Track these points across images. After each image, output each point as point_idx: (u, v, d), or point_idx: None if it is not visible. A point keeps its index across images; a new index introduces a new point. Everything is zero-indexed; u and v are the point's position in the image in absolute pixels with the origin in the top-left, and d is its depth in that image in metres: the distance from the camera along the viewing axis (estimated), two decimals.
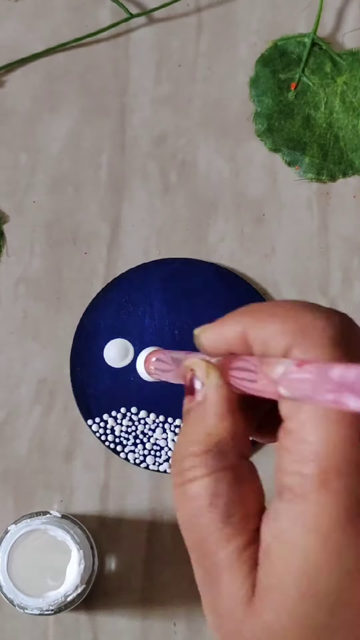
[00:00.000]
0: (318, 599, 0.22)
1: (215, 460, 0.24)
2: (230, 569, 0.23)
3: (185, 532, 0.24)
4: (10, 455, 0.54)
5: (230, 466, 0.24)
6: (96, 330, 0.55)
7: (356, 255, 0.56)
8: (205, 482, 0.24)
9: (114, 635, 0.52)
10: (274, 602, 0.22)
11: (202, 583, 0.24)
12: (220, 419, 0.25)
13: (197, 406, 0.25)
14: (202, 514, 0.24)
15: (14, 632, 0.52)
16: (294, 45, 0.58)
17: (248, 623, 0.23)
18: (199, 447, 0.24)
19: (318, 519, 0.22)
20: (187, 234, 0.56)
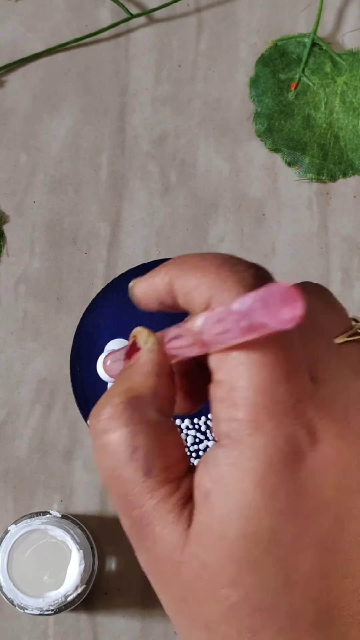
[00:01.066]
0: (254, 538, 0.23)
1: (133, 413, 0.24)
2: (159, 518, 0.24)
3: (108, 485, 0.25)
4: (10, 455, 0.54)
5: (147, 420, 0.25)
6: (96, 330, 0.55)
7: (356, 255, 0.56)
8: (124, 433, 0.24)
9: (114, 635, 0.52)
10: (213, 542, 0.23)
11: (132, 532, 0.25)
12: (145, 376, 0.26)
13: (130, 366, 0.26)
14: (124, 467, 0.24)
15: (14, 632, 0.52)
16: (294, 45, 0.58)
17: (186, 564, 0.24)
18: (119, 398, 0.25)
19: (253, 461, 0.23)
20: (187, 234, 0.56)
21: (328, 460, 0.23)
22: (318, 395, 0.23)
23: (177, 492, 0.24)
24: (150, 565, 0.25)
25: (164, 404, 0.26)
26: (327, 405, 0.23)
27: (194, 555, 0.24)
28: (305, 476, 0.23)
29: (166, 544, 0.24)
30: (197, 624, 0.24)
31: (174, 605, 0.25)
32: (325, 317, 0.26)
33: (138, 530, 0.25)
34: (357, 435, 0.23)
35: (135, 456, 0.24)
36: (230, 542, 0.23)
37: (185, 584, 0.24)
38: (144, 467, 0.24)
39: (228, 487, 0.23)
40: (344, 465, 0.23)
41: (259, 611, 0.23)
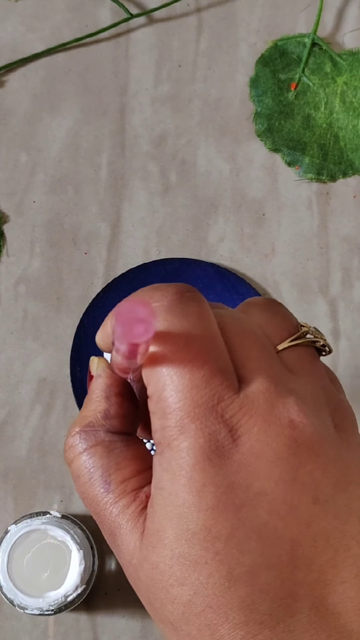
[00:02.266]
0: (190, 536, 0.24)
1: (87, 438, 0.27)
2: (120, 528, 0.26)
3: (85, 505, 0.27)
4: (10, 455, 0.54)
5: (100, 442, 0.27)
6: (96, 330, 0.54)
7: (356, 255, 0.56)
8: (82, 458, 0.27)
9: (114, 635, 0.52)
10: (157, 544, 0.25)
11: (109, 543, 0.27)
12: (96, 402, 0.28)
13: (87, 395, 0.29)
14: (88, 487, 0.27)
15: (14, 632, 0.52)
16: (294, 45, 0.58)
17: (141, 568, 0.25)
18: (76, 428, 0.28)
19: (180, 462, 0.24)
20: (187, 234, 0.56)
21: (254, 454, 0.24)
22: (242, 394, 0.25)
23: (134, 502, 0.26)
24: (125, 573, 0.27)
25: (117, 423, 0.28)
26: (249, 403, 0.25)
27: (145, 558, 0.25)
28: (233, 471, 0.24)
29: (127, 551, 0.26)
30: (166, 625, 0.25)
31: (147, 608, 0.26)
32: (270, 327, 0.28)
33: (110, 541, 0.27)
34: (284, 427, 0.25)
35: (95, 475, 0.27)
36: (170, 542, 0.24)
37: (145, 587, 0.25)
38: (102, 483, 0.27)
39: (164, 490, 0.25)
40: (271, 457, 0.24)
41: (211, 608, 0.24)
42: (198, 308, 0.25)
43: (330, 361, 0.55)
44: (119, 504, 0.26)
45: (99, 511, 0.27)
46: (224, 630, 0.24)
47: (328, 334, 0.55)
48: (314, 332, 0.28)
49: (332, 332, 0.55)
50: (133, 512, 0.26)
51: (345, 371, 0.55)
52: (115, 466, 0.27)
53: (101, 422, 0.28)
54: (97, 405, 0.28)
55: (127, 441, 0.28)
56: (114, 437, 0.28)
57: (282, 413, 0.25)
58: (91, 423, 0.28)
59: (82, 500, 0.27)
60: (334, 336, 0.55)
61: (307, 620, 0.23)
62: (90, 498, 0.27)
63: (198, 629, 0.24)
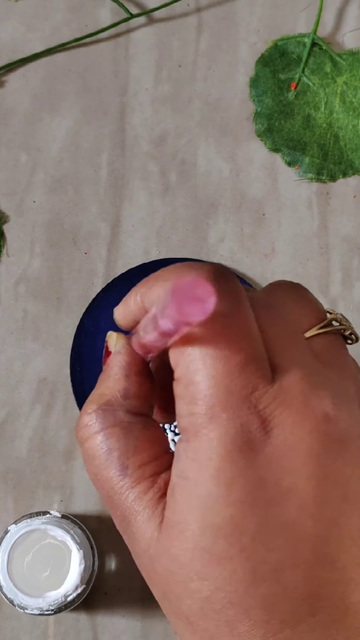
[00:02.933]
0: (216, 530, 0.23)
1: (105, 417, 0.26)
2: (136, 515, 0.25)
3: (96, 487, 0.26)
4: (10, 455, 0.54)
5: (119, 422, 0.26)
6: (96, 330, 0.55)
7: (356, 255, 0.56)
8: (98, 438, 0.26)
9: (114, 635, 0.52)
10: (179, 536, 0.24)
11: (120, 529, 0.26)
12: (114, 380, 0.27)
13: (103, 372, 0.28)
14: (102, 469, 0.26)
15: (14, 632, 0.52)
16: (294, 45, 0.58)
17: (159, 559, 0.24)
18: (93, 406, 0.26)
19: (209, 452, 0.23)
20: (187, 234, 0.56)
21: (286, 448, 0.23)
22: (276, 384, 0.24)
23: (152, 488, 0.25)
24: (136, 562, 0.26)
25: (137, 404, 0.27)
26: (283, 394, 0.24)
27: (164, 550, 0.24)
28: (264, 464, 0.23)
29: (143, 540, 0.25)
30: (181, 618, 0.24)
31: (160, 601, 0.25)
32: (297, 312, 0.27)
33: (123, 528, 0.26)
34: (318, 420, 0.24)
35: (111, 457, 0.25)
36: (193, 535, 0.23)
37: (162, 579, 0.24)
38: (119, 466, 0.25)
39: (188, 481, 0.24)
40: (304, 452, 0.23)
41: (232, 604, 0.23)
42: (234, 290, 0.24)
43: None
44: (135, 489, 0.25)
45: (112, 495, 0.25)
46: (243, 627, 0.23)
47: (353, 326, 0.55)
48: (341, 320, 0.27)
49: None
50: (151, 499, 0.25)
51: None
52: (134, 449, 0.26)
53: (120, 401, 0.26)
54: (117, 383, 0.27)
55: (145, 423, 0.26)
56: (133, 418, 0.26)
57: (317, 406, 0.24)
58: (110, 401, 0.26)
59: (94, 483, 0.26)
60: None
61: (329, 619, 0.23)
62: (104, 480, 0.26)
63: (216, 625, 0.23)
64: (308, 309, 0.27)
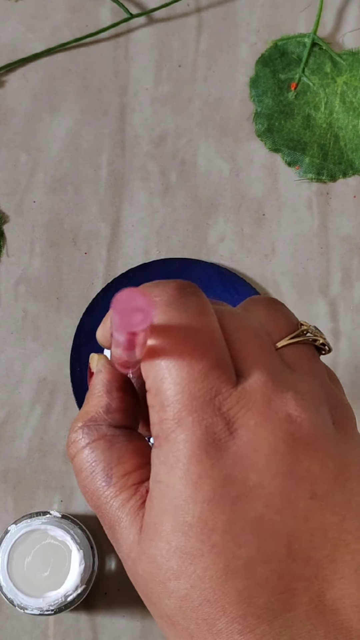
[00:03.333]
0: (187, 528, 0.24)
1: (90, 433, 0.27)
2: (119, 522, 0.26)
3: (86, 500, 0.27)
4: (10, 455, 0.54)
5: (102, 436, 0.27)
6: (96, 330, 0.54)
7: (356, 255, 0.56)
8: (85, 452, 0.27)
9: (114, 635, 0.52)
10: (154, 537, 0.25)
11: (109, 537, 0.27)
12: (97, 397, 0.28)
13: (88, 391, 0.29)
14: (89, 481, 0.27)
15: (14, 632, 0.52)
16: (294, 45, 0.58)
17: (139, 561, 0.25)
18: (78, 423, 0.28)
19: (177, 454, 0.24)
20: (187, 234, 0.56)
21: (250, 447, 0.24)
22: (239, 387, 0.25)
23: (134, 496, 0.26)
24: (124, 567, 0.27)
25: (119, 417, 0.28)
26: (247, 396, 0.25)
27: (143, 552, 0.25)
28: (229, 464, 0.24)
29: (125, 545, 0.26)
30: (164, 619, 0.25)
31: (146, 604, 0.26)
32: (270, 324, 0.28)
33: (110, 535, 0.27)
34: (281, 420, 0.24)
35: (97, 469, 0.27)
36: (167, 535, 0.24)
37: (143, 580, 0.25)
38: (104, 477, 0.27)
39: (160, 483, 0.25)
40: (268, 450, 0.24)
41: (208, 602, 0.24)
42: (197, 302, 0.26)
43: (330, 361, 0.55)
44: (119, 498, 0.26)
45: (100, 505, 0.27)
46: (221, 624, 0.23)
47: (328, 334, 0.55)
48: (314, 331, 0.28)
49: (332, 332, 0.55)
50: (133, 506, 0.26)
51: (345, 371, 0.55)
52: (117, 460, 0.27)
53: (103, 416, 0.28)
54: (99, 400, 0.28)
55: (129, 435, 0.28)
56: (116, 431, 0.28)
57: (279, 407, 0.25)
58: (93, 418, 0.28)
59: (84, 495, 0.27)
60: (334, 336, 0.55)
61: (305, 615, 0.23)
62: (91, 492, 0.27)
63: (196, 623, 0.24)
64: (281, 320, 0.28)
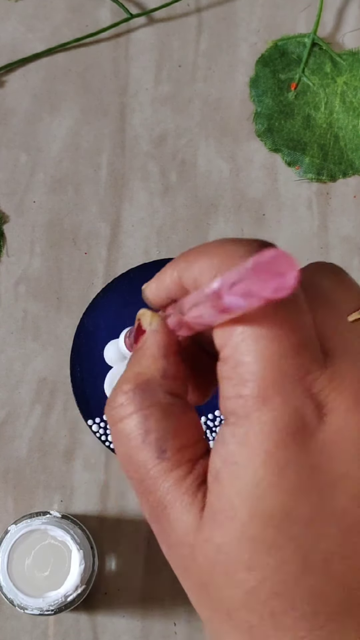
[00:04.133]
0: (265, 518, 0.22)
1: (143, 397, 0.25)
2: (173, 501, 0.24)
3: (126, 471, 0.25)
4: (10, 455, 0.54)
5: (157, 403, 0.25)
6: (96, 330, 0.55)
7: (356, 255, 0.56)
8: (135, 418, 0.24)
9: (114, 635, 0.52)
10: (224, 524, 0.22)
11: (150, 517, 0.25)
12: (152, 360, 0.25)
13: (137, 350, 0.26)
14: (137, 451, 0.24)
15: (14, 632, 0.52)
16: (294, 45, 0.58)
17: (200, 547, 0.23)
18: (129, 385, 0.25)
19: (261, 437, 0.22)
20: (187, 234, 0.56)
21: (340, 434, 0.22)
22: (329, 369, 0.23)
23: (191, 473, 0.24)
24: (169, 551, 0.25)
25: (175, 385, 0.25)
26: (338, 378, 0.23)
27: (208, 539, 0.23)
28: (317, 451, 0.22)
29: (181, 528, 0.24)
30: (219, 611, 0.23)
31: (195, 593, 0.24)
32: (339, 295, 0.25)
33: (156, 515, 0.24)
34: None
35: (148, 439, 0.24)
36: (241, 523, 0.22)
37: (202, 569, 0.23)
38: (156, 449, 0.24)
39: (236, 466, 0.23)
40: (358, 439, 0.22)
41: (278, 595, 0.22)
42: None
43: None
44: (173, 474, 0.24)
45: (146, 479, 0.24)
46: (289, 620, 0.22)
47: None
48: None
49: None
50: (190, 485, 0.24)
51: None
52: (172, 432, 0.24)
53: (160, 380, 0.25)
54: (155, 362, 0.25)
55: (183, 406, 0.25)
56: (172, 399, 0.25)
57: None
58: (148, 381, 0.25)
59: (125, 466, 0.25)
60: None
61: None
62: (137, 464, 0.24)
63: (260, 616, 0.22)
64: (349, 292, 0.26)
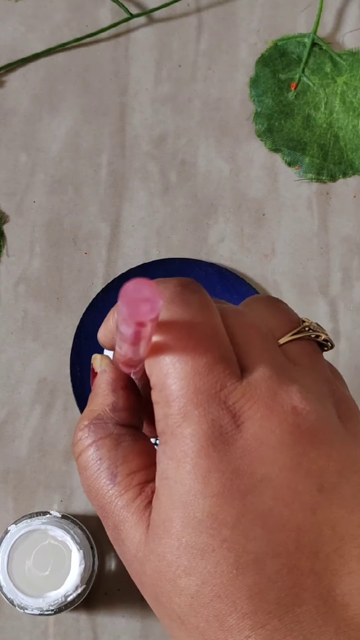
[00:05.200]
0: (196, 524, 0.24)
1: (96, 431, 0.27)
2: (124, 521, 0.26)
3: (90, 499, 0.27)
4: (10, 455, 0.54)
5: (109, 434, 0.27)
6: (96, 330, 0.54)
7: (356, 255, 0.56)
8: (91, 450, 0.27)
9: (114, 635, 0.52)
10: (163, 535, 0.24)
11: (112, 539, 0.27)
12: (102, 397, 0.28)
13: (92, 391, 0.29)
14: (94, 480, 0.26)
15: (14, 632, 0.52)
16: (294, 45, 0.58)
17: (147, 560, 0.25)
18: (85, 421, 0.27)
19: (185, 448, 0.24)
20: (187, 234, 0.56)
21: (257, 440, 0.24)
22: (245, 381, 0.25)
23: (140, 495, 0.26)
24: (128, 568, 0.26)
25: (126, 416, 0.28)
26: (252, 390, 0.25)
27: (151, 551, 0.25)
28: (237, 457, 0.24)
29: (132, 545, 0.25)
30: (173, 620, 0.25)
31: (152, 604, 0.26)
32: (272, 322, 0.28)
33: (113, 536, 0.26)
34: (287, 413, 0.24)
35: (102, 467, 0.26)
36: (177, 531, 0.24)
37: (152, 581, 0.25)
38: (109, 475, 0.26)
39: (168, 480, 0.24)
40: (274, 443, 0.24)
41: (219, 597, 0.23)
42: (200, 298, 0.26)
43: (331, 361, 0.55)
44: (124, 497, 0.26)
45: (104, 504, 0.26)
46: (232, 620, 0.23)
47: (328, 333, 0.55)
48: (315, 327, 0.28)
49: (332, 332, 0.55)
50: (139, 506, 0.26)
51: (345, 371, 0.55)
52: (122, 459, 0.26)
53: (110, 414, 0.27)
54: (105, 399, 0.28)
55: (134, 435, 0.27)
56: (123, 430, 0.27)
57: (284, 400, 0.25)
58: (100, 416, 0.27)
59: (87, 494, 0.27)
60: (334, 336, 0.55)
61: (315, 610, 0.23)
62: (95, 490, 0.26)
63: (206, 620, 0.24)
64: (283, 317, 0.28)
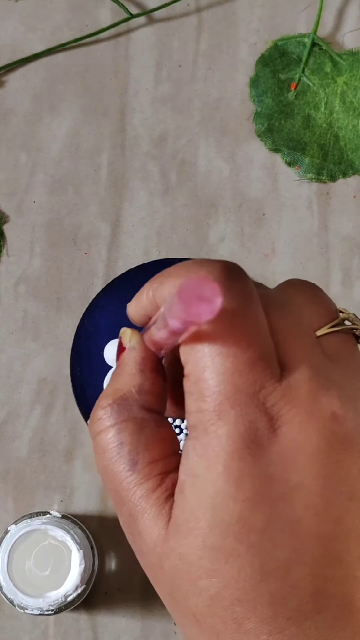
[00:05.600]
0: (224, 527, 0.23)
1: (119, 412, 0.26)
2: (143, 512, 0.25)
3: (104, 482, 0.26)
4: (10, 455, 0.54)
5: (132, 417, 0.26)
6: (96, 330, 0.55)
7: (356, 255, 0.56)
8: (111, 432, 0.26)
9: (114, 635, 0.52)
10: (187, 534, 0.24)
11: (125, 526, 0.26)
12: (129, 376, 0.27)
13: (117, 367, 0.28)
14: (112, 463, 0.26)
15: (14, 632, 0.52)
16: (294, 45, 0.58)
17: (166, 557, 0.24)
18: (107, 400, 0.26)
19: (218, 449, 0.23)
20: (187, 234, 0.56)
21: (293, 446, 0.23)
22: (284, 382, 0.24)
23: (160, 486, 0.25)
24: (140, 559, 0.26)
25: (151, 400, 0.27)
26: (291, 392, 0.24)
27: (172, 548, 0.24)
28: (271, 462, 0.23)
29: (149, 538, 0.25)
30: (187, 617, 0.24)
31: (165, 599, 0.25)
32: (309, 311, 0.27)
33: (128, 524, 0.26)
34: (325, 419, 0.24)
35: (122, 452, 0.25)
36: (202, 532, 0.23)
37: (169, 577, 0.24)
38: (129, 461, 0.25)
39: (197, 478, 0.24)
40: (311, 450, 0.24)
41: (239, 601, 0.23)
42: (245, 287, 0.24)
43: None
44: (144, 486, 0.25)
45: (120, 490, 0.25)
46: (250, 624, 0.23)
47: None
48: (354, 319, 0.27)
49: None
50: (159, 498, 0.25)
51: None
52: (144, 445, 0.25)
53: (135, 396, 0.26)
54: (131, 379, 0.27)
55: (157, 421, 0.26)
56: (147, 414, 0.26)
57: (324, 405, 0.24)
58: (124, 396, 0.26)
59: (102, 477, 0.26)
60: None
61: (333, 617, 0.23)
62: (112, 475, 0.26)
63: (223, 622, 0.24)
64: (320, 307, 0.27)
